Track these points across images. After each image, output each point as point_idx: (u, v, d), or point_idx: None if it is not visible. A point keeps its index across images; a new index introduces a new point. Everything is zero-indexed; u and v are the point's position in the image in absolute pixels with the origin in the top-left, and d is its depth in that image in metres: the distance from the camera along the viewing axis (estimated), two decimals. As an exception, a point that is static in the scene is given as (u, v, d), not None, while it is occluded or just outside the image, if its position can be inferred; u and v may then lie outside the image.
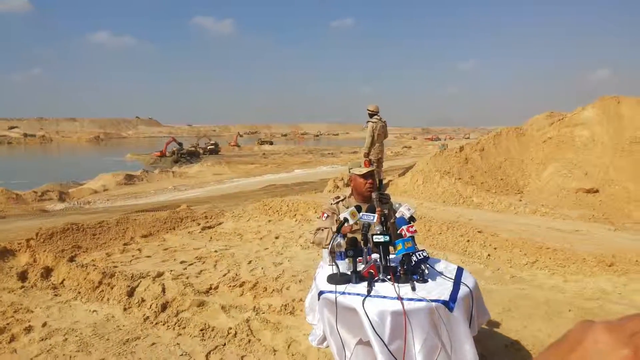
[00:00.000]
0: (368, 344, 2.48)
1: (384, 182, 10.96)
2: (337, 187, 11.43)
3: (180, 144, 43.85)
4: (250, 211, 8.82)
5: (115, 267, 5.65)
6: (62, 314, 4.39)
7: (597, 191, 9.63)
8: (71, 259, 5.79)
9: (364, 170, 3.41)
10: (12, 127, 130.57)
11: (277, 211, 8.60)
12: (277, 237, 7.08)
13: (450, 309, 2.46)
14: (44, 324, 4.12)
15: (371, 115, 9.98)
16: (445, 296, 2.50)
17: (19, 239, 6.40)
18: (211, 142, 50.36)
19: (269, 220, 8.22)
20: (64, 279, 5.19)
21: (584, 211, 8.80)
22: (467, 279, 2.77)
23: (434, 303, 2.44)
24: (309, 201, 8.81)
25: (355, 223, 3.00)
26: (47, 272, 5.38)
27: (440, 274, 2.80)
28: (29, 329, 4.01)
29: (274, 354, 3.58)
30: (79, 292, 4.84)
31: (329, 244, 3.21)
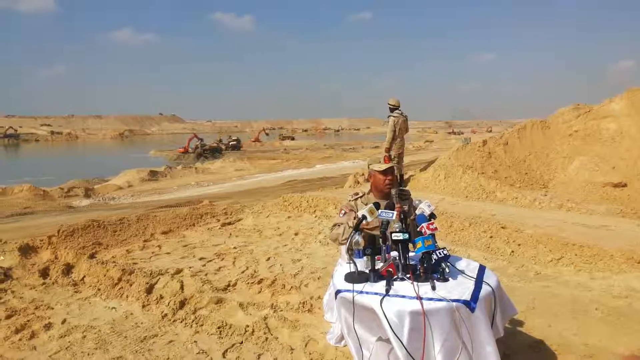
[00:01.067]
0: (388, 341, 2.41)
1: (405, 177, 10.84)
2: (358, 182, 11.34)
3: (201, 140, 44.34)
4: (270, 207, 8.80)
5: (135, 263, 5.67)
6: (82, 310, 4.41)
7: (625, 185, 9.35)
8: (92, 256, 5.83)
9: (384, 166, 3.32)
10: (44, 125, 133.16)
11: (297, 207, 8.55)
12: (296, 234, 7.04)
13: (472, 309, 2.38)
14: (64, 321, 4.14)
15: (392, 110, 9.85)
16: (467, 296, 2.43)
17: (42, 236, 6.48)
18: (233, 138, 50.67)
19: (289, 217, 8.18)
20: (84, 276, 5.22)
21: (611, 206, 8.56)
22: (489, 278, 2.68)
23: (454, 303, 2.37)
24: (329, 197, 8.74)
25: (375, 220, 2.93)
26: (67, 269, 5.43)
27: (462, 272, 2.72)
28: (48, 326, 4.03)
29: (291, 353, 3.53)
30: (99, 289, 4.87)
31: (345, 239, 3.14)
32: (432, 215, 2.88)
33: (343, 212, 3.40)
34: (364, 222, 2.87)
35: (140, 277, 4.93)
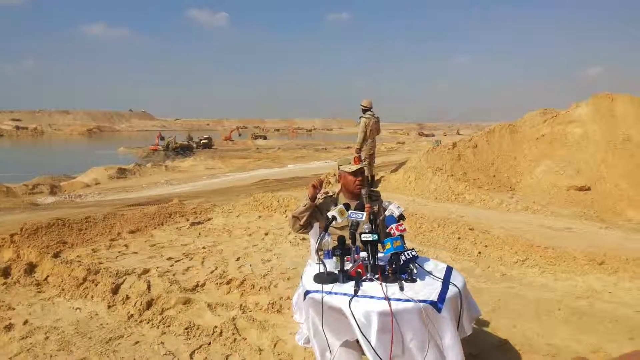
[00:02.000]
0: (351, 346, 2.43)
1: (376, 178, 10.91)
2: (329, 182, 11.36)
3: (162, 138, 43.97)
4: (240, 207, 8.74)
5: (101, 263, 5.56)
6: (45, 311, 4.30)
7: (589, 189, 9.62)
8: (56, 255, 5.68)
9: (354, 167, 3.33)
10: (14, 119, 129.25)
11: (268, 207, 8.52)
12: (266, 234, 7.00)
13: (439, 310, 2.40)
14: (26, 322, 4.03)
15: (364, 111, 9.90)
16: (434, 296, 2.45)
17: (3, 234, 6.29)
18: (204, 136, 50.16)
19: (259, 216, 8.14)
20: (47, 275, 5.09)
21: (575, 209, 8.79)
22: (456, 279, 2.72)
23: (421, 304, 2.38)
24: (300, 197, 8.72)
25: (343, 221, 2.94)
26: (30, 268, 5.28)
27: (429, 273, 2.74)
28: (9, 327, 3.92)
29: (260, 353, 3.52)
30: (63, 289, 4.75)
31: (299, 213, 3.26)
32: (401, 217, 2.90)
33: None
34: (333, 222, 2.88)
35: (106, 277, 4.84)
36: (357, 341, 2.37)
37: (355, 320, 2.31)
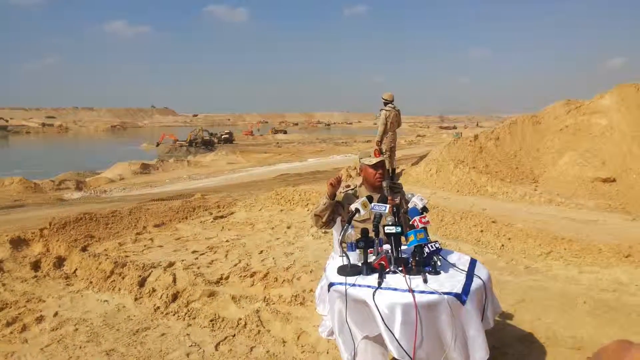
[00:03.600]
0: (375, 338, 2.44)
1: (397, 171, 10.87)
2: (350, 176, 11.37)
3: (206, 130, 44.66)
4: (263, 200, 8.80)
5: (127, 256, 5.67)
6: (74, 303, 4.42)
7: (614, 180, 9.44)
8: (84, 249, 5.83)
9: (374, 160, 3.35)
10: (50, 117, 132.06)
11: (289, 200, 8.57)
12: (288, 227, 7.06)
13: (463, 302, 2.40)
14: (56, 314, 4.15)
15: (385, 104, 9.87)
16: (458, 289, 2.45)
17: (34, 229, 6.45)
18: (225, 131, 50.47)
19: (281, 210, 8.19)
20: (76, 269, 5.22)
21: (600, 201, 8.64)
22: (480, 271, 2.71)
23: (446, 296, 2.39)
24: (321, 190, 8.75)
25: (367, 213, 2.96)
26: (59, 262, 5.42)
27: (453, 265, 2.74)
28: (40, 319, 4.04)
29: (284, 345, 3.56)
30: (91, 282, 4.87)
31: (319, 211, 3.28)
32: (424, 209, 2.90)
33: None
34: (357, 215, 2.90)
35: (133, 270, 4.94)
36: (381, 335, 2.39)
37: (379, 312, 2.32)
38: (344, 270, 2.68)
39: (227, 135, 48.35)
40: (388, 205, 2.87)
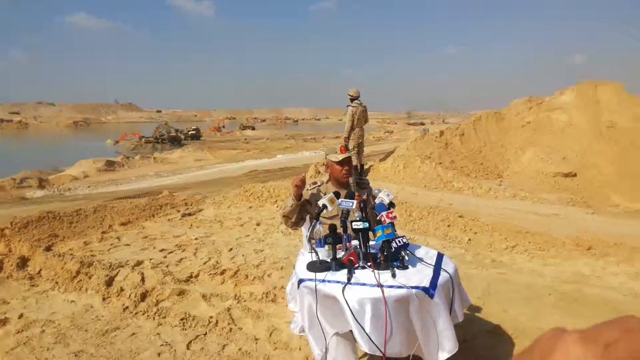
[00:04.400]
0: (345, 334, 2.48)
1: (365, 167, 10.97)
2: (319, 172, 11.40)
3: (170, 128, 43.76)
4: (231, 198, 8.75)
5: (94, 256, 5.56)
6: (39, 305, 4.32)
7: (575, 175, 9.76)
8: (48, 249, 5.68)
9: (340, 156, 3.38)
10: (13, 112, 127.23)
11: (258, 197, 8.55)
12: (258, 224, 7.04)
13: (431, 296, 2.46)
14: (21, 316, 4.04)
15: (352, 100, 9.95)
16: (426, 283, 2.50)
17: (-6, 229, 6.26)
18: (193, 127, 49.74)
19: (250, 207, 8.17)
20: (40, 269, 5.09)
21: (562, 195, 8.92)
22: (447, 265, 2.78)
23: (414, 290, 2.43)
24: (290, 187, 8.76)
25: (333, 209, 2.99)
26: (23, 262, 5.27)
27: (421, 260, 2.80)
28: (4, 321, 3.93)
29: (256, 342, 3.57)
30: (57, 282, 4.76)
31: (286, 211, 3.33)
32: (391, 204, 2.95)
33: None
34: (324, 211, 2.93)
35: (100, 270, 4.86)
36: (352, 330, 2.43)
37: (349, 307, 2.36)
38: (313, 267, 2.70)
39: (194, 132, 47.66)
40: (355, 201, 2.91)
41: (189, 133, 47.08)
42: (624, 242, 5.59)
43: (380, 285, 2.42)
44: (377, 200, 2.98)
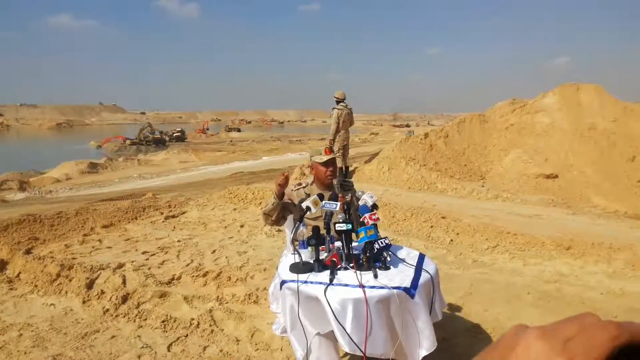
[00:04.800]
0: (328, 335, 2.48)
1: (350, 169, 10.99)
2: (304, 174, 11.40)
3: (151, 129, 43.32)
4: (216, 199, 8.72)
5: (74, 258, 5.50)
6: (18, 308, 4.25)
7: (556, 176, 9.88)
8: (28, 251, 5.60)
9: (325, 158, 3.39)
10: None
11: (243, 199, 8.52)
12: (242, 226, 7.02)
13: (412, 296, 2.48)
14: (-2, 319, 3.98)
15: (337, 102, 9.98)
16: (407, 283, 2.52)
17: (-28, 232, 6.16)
18: (177, 129, 49.47)
19: (234, 209, 8.14)
20: (19, 272, 5.02)
21: (543, 196, 9.02)
22: (428, 266, 2.80)
23: (395, 290, 2.45)
24: (275, 189, 8.75)
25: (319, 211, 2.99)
26: (1, 265, 5.19)
27: (402, 261, 2.82)
28: (-19, 325, 3.87)
29: (237, 344, 3.56)
30: (36, 286, 4.69)
31: (268, 209, 3.31)
32: (374, 206, 2.96)
33: None
34: (308, 213, 2.93)
35: (80, 272, 4.80)
36: (327, 335, 2.44)
37: (331, 308, 2.36)
38: (296, 268, 2.71)
39: (179, 134, 47.38)
40: (339, 203, 2.92)
41: (174, 135, 46.79)
42: (602, 242, 5.67)
43: (362, 286, 2.43)
44: (360, 202, 2.99)
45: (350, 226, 2.74)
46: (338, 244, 2.87)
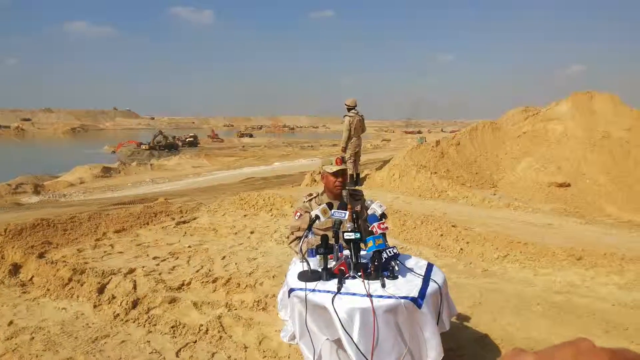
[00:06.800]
0: (336, 342, 2.49)
1: (362, 176, 11.00)
2: (315, 180, 11.42)
3: (161, 134, 43.64)
4: (226, 205, 8.76)
5: (86, 263, 5.56)
6: (30, 312, 4.31)
7: (569, 185, 9.79)
8: (41, 255, 5.67)
9: (335, 168, 3.39)
10: (25, 119, 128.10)
11: (253, 205, 8.55)
12: (252, 232, 7.04)
13: (419, 306, 2.48)
14: (10, 323, 4.04)
15: (349, 110, 10.04)
16: (414, 293, 2.52)
17: (-13, 235, 6.25)
18: (190, 134, 49.87)
19: (245, 215, 8.17)
20: (32, 276, 5.09)
21: (556, 205, 8.94)
22: (437, 275, 2.80)
23: (402, 300, 2.45)
24: (285, 195, 8.78)
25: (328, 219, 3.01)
26: (15, 269, 5.27)
27: (411, 270, 2.82)
28: (-6, 328, 3.93)
29: (245, 351, 3.57)
30: (48, 289, 4.75)
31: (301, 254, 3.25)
32: (383, 215, 2.97)
33: (298, 214, 3.46)
34: (317, 222, 2.94)
35: (92, 277, 4.85)
36: (336, 342, 2.45)
37: (338, 317, 2.37)
38: (304, 276, 2.72)
39: (191, 139, 47.77)
40: (347, 212, 2.93)
41: (187, 140, 47.16)
42: (614, 252, 5.61)
43: (369, 295, 2.43)
44: (369, 211, 3.00)
45: (358, 235, 2.75)
46: (347, 252, 2.88)
